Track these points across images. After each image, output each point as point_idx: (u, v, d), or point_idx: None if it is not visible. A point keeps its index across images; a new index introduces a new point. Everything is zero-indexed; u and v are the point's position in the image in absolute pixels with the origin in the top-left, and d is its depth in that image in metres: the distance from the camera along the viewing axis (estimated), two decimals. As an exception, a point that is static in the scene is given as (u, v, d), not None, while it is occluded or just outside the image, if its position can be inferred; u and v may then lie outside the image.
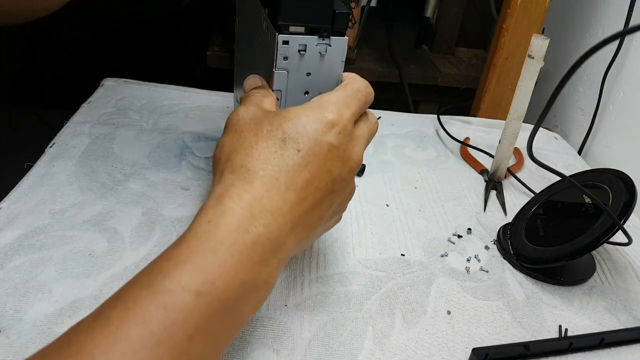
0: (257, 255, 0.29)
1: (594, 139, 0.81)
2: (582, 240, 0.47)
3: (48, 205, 0.49)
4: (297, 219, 0.31)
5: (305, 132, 0.32)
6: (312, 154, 0.32)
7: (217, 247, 0.27)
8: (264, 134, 0.32)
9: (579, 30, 0.88)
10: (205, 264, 0.27)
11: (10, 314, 0.38)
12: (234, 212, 0.29)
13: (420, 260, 0.50)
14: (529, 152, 0.38)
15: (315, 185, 0.32)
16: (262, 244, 0.29)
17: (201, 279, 0.26)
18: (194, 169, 0.58)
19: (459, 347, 0.41)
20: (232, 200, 0.29)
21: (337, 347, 0.39)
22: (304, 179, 0.32)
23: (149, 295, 0.25)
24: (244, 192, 0.30)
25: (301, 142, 0.32)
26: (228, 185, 0.30)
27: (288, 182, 0.31)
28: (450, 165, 0.68)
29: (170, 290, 0.25)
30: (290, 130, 0.32)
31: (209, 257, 0.27)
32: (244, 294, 0.28)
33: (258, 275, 0.29)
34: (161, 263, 0.27)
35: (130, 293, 0.26)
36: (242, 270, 0.28)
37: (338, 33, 0.38)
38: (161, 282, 0.26)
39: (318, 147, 0.32)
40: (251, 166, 0.31)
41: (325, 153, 0.33)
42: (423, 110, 1.01)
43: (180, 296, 0.25)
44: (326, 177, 0.33)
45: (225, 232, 0.28)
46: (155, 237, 0.47)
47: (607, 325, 0.45)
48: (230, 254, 0.28)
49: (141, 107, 0.69)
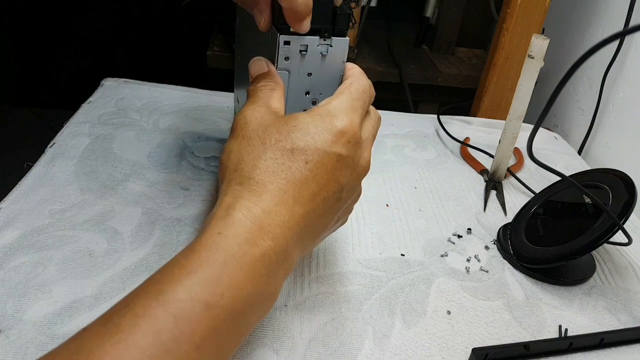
0: (265, 268, 0.29)
1: (594, 139, 0.81)
2: (582, 240, 0.47)
3: (48, 205, 0.49)
4: (303, 230, 0.32)
5: (314, 143, 0.32)
6: (320, 166, 0.32)
7: (227, 259, 0.28)
8: (272, 143, 0.32)
9: (579, 30, 0.88)
10: (215, 275, 0.27)
11: (10, 314, 0.38)
12: (244, 225, 0.29)
13: (420, 260, 0.50)
14: (529, 152, 0.38)
15: (322, 197, 0.32)
16: (269, 256, 0.29)
17: (210, 290, 0.26)
18: (193, 169, 0.58)
19: (459, 347, 0.41)
20: (241, 212, 0.29)
21: (337, 347, 0.39)
22: (311, 191, 0.31)
23: (159, 305, 0.25)
24: (253, 204, 0.30)
25: (309, 154, 0.32)
26: (237, 197, 0.30)
27: (296, 196, 0.31)
28: (450, 165, 0.68)
29: (181, 300, 0.26)
30: (298, 140, 0.32)
31: (219, 269, 0.27)
32: (251, 305, 0.28)
33: (265, 287, 0.29)
34: (172, 272, 0.27)
35: (139, 301, 0.26)
36: (250, 282, 0.28)
37: (339, 33, 0.38)
38: (172, 291, 0.26)
39: (326, 159, 0.32)
40: (259, 179, 0.31)
41: (333, 164, 0.32)
42: (423, 110, 1.02)
43: (190, 306, 0.25)
44: (333, 187, 0.33)
45: (234, 244, 0.28)
46: (155, 237, 0.47)
47: (607, 325, 0.45)
48: (239, 267, 0.28)
49: (141, 107, 0.69)
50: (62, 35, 1.76)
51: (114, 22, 1.73)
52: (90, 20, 1.73)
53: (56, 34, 1.76)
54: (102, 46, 1.77)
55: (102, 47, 1.77)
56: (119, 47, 1.77)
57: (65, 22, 1.73)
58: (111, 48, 1.78)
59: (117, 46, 1.77)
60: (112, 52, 1.78)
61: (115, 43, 1.77)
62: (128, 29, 1.75)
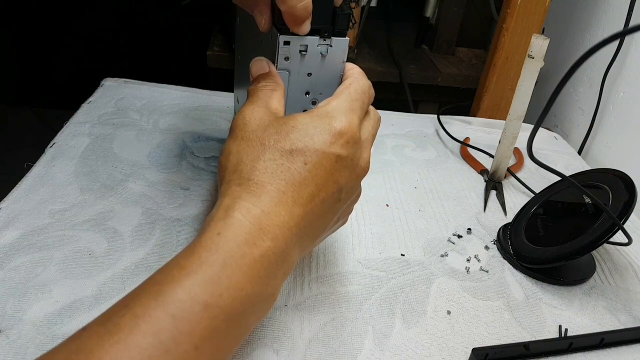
0: (264, 269, 0.29)
1: (594, 139, 0.81)
2: (582, 240, 0.47)
3: (48, 205, 0.49)
4: (302, 231, 0.32)
5: (313, 144, 0.32)
6: (319, 167, 0.32)
7: (227, 260, 0.28)
8: (271, 144, 0.32)
9: (579, 30, 0.88)
10: (214, 276, 0.27)
11: (10, 314, 0.38)
12: (243, 225, 0.29)
13: (420, 260, 0.50)
14: (529, 152, 0.38)
15: (321, 198, 0.32)
16: (269, 257, 0.29)
17: (210, 291, 0.26)
18: (193, 169, 0.58)
19: (459, 347, 0.41)
20: (240, 213, 0.29)
21: (337, 347, 0.39)
22: (310, 192, 0.31)
23: (159, 305, 0.25)
24: (252, 205, 0.30)
25: (308, 155, 0.32)
26: (236, 197, 0.30)
27: (295, 197, 0.31)
28: (450, 165, 0.68)
29: (180, 300, 0.26)
30: (297, 141, 0.32)
31: (218, 270, 0.27)
32: (250, 306, 0.28)
33: (264, 288, 0.29)
34: (171, 273, 0.27)
35: (138, 301, 0.26)
36: (249, 283, 0.28)
37: (339, 34, 0.38)
38: (171, 292, 0.26)
39: (325, 160, 0.32)
40: (258, 180, 0.31)
41: (332, 165, 0.32)
42: (423, 110, 1.02)
43: (189, 307, 0.26)
44: (332, 187, 0.33)
45: (234, 245, 0.28)
46: (155, 237, 0.47)
47: (607, 325, 0.45)
48: (239, 268, 0.28)
49: (141, 107, 0.69)
50: (62, 35, 1.76)
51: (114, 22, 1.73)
52: (90, 20, 1.73)
53: (56, 34, 1.76)
54: (102, 46, 1.77)
55: (102, 47, 1.77)
56: (119, 47, 1.78)
57: (65, 22, 1.73)
58: (111, 48, 1.78)
59: (117, 46, 1.78)
60: (112, 52, 1.78)
61: (115, 43, 1.77)
62: (128, 29, 1.75)
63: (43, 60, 1.83)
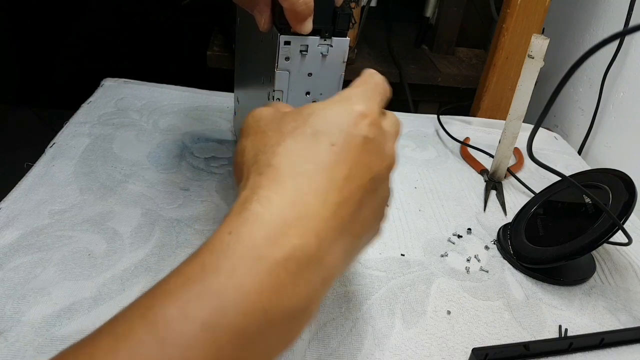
0: (290, 275, 0.23)
1: (594, 139, 0.81)
2: (582, 240, 0.47)
3: (48, 206, 0.49)
4: (341, 224, 0.25)
5: (336, 125, 0.27)
6: (348, 148, 0.26)
7: (237, 265, 0.22)
8: (289, 131, 0.27)
9: (579, 30, 0.88)
10: (218, 286, 0.21)
11: (9, 316, 0.38)
12: (262, 219, 0.23)
13: (420, 260, 0.50)
14: (529, 152, 0.38)
15: (356, 184, 0.26)
16: (296, 259, 0.23)
17: (210, 306, 0.21)
18: (193, 169, 0.58)
19: (459, 347, 0.41)
20: (259, 204, 0.24)
21: (337, 347, 0.39)
22: (344, 175, 0.26)
23: (144, 324, 0.20)
24: (273, 194, 0.24)
25: (333, 136, 0.26)
26: (255, 187, 0.25)
27: (327, 181, 0.25)
28: (450, 165, 0.68)
29: (171, 318, 0.20)
30: (318, 124, 0.27)
31: (224, 278, 0.22)
32: (269, 326, 0.22)
33: (288, 300, 0.23)
34: (169, 282, 0.22)
35: (123, 318, 0.21)
36: (267, 295, 0.22)
37: (339, 34, 0.38)
38: (161, 307, 0.21)
39: (353, 141, 0.27)
40: (280, 165, 0.26)
41: (361, 147, 0.27)
42: (423, 110, 1.02)
43: (181, 327, 0.20)
44: (367, 173, 0.27)
45: (249, 244, 0.23)
46: (155, 237, 0.47)
47: (607, 325, 0.45)
48: (253, 274, 0.22)
49: (141, 107, 0.69)
50: (62, 35, 1.76)
51: (114, 22, 1.73)
52: (90, 20, 1.73)
53: (56, 34, 1.76)
54: (102, 46, 1.77)
55: (102, 47, 1.77)
56: (119, 47, 1.77)
57: (65, 22, 1.73)
58: (111, 48, 1.78)
59: (117, 46, 1.77)
60: (112, 52, 1.78)
61: (115, 43, 1.77)
62: (128, 29, 1.75)
63: (43, 60, 1.83)
